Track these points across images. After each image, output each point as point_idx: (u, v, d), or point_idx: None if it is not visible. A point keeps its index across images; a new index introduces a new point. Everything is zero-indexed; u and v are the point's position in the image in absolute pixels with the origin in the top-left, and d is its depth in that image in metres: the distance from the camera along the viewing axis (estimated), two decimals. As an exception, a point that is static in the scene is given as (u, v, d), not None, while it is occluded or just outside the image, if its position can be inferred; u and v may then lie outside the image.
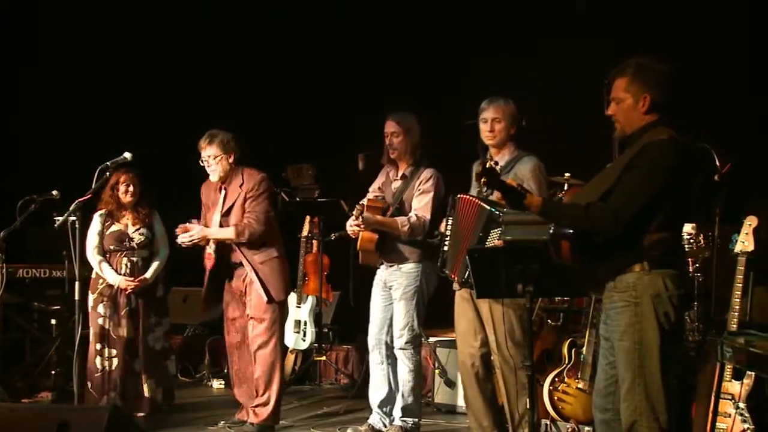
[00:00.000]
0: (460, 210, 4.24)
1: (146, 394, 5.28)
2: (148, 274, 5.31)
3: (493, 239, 3.95)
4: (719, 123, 5.62)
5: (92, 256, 5.26)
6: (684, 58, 5.77)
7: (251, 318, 4.93)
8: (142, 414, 5.29)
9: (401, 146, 4.78)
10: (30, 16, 7.74)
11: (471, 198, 4.19)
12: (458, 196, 4.29)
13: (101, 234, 5.27)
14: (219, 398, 6.18)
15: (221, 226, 4.96)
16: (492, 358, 4.26)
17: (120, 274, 5.24)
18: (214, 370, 6.61)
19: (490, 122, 4.28)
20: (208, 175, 5.01)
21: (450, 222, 4.29)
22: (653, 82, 3.22)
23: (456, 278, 4.23)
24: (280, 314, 5.00)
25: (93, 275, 5.26)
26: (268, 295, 4.86)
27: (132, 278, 5.23)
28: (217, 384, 6.45)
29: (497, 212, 3.93)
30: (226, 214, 4.97)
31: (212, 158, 4.94)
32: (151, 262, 5.36)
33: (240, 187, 4.99)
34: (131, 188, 5.30)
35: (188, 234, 4.86)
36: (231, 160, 4.97)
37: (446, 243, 4.29)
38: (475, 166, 4.44)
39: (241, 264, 4.92)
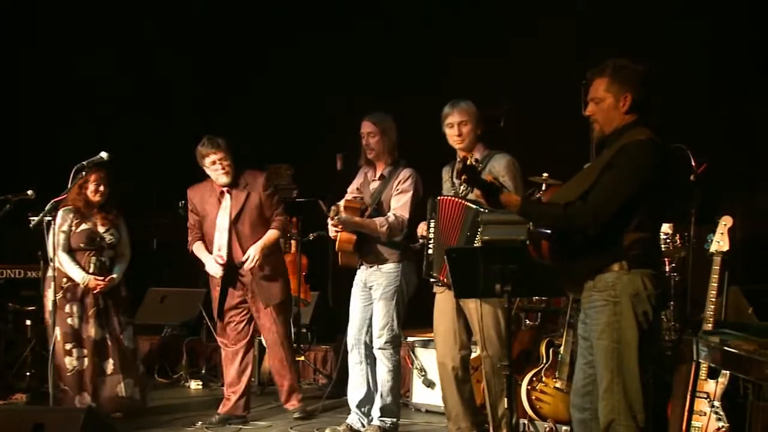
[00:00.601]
0: (441, 212, 4.24)
1: (124, 394, 5.23)
2: (115, 274, 5.26)
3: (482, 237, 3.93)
4: (696, 123, 5.67)
5: (60, 252, 5.16)
6: (661, 59, 5.85)
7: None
8: (118, 415, 5.25)
9: (378, 147, 4.78)
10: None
11: (453, 198, 4.18)
12: (437, 198, 4.28)
13: (69, 231, 5.20)
14: (196, 399, 6.15)
15: (233, 230, 5.11)
16: (482, 356, 4.24)
17: (88, 273, 5.18)
18: (191, 371, 6.57)
19: (456, 126, 4.28)
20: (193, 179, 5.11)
21: (432, 225, 4.27)
22: (634, 81, 3.24)
23: (444, 280, 4.22)
24: None
25: (52, 273, 5.09)
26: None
27: (102, 278, 5.18)
28: (194, 385, 6.42)
29: (484, 210, 3.93)
30: (236, 218, 5.09)
31: (223, 161, 5.07)
32: (116, 263, 5.30)
33: (245, 188, 5.12)
34: (101, 188, 5.24)
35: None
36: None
37: (430, 246, 4.28)
38: (445, 171, 4.45)
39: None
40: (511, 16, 6.73)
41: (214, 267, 5.15)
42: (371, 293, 4.80)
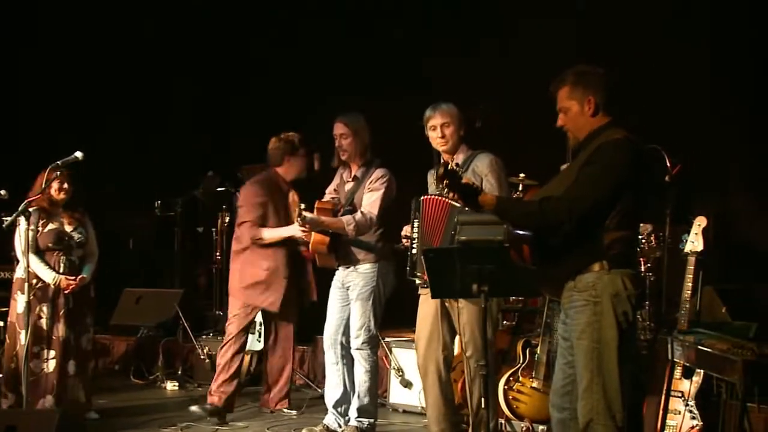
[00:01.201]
0: (426, 211, 4.24)
1: (73, 395, 5.16)
2: (86, 274, 5.20)
3: None
4: (672, 124, 5.72)
5: (30, 252, 5.08)
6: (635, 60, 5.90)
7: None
8: (95, 416, 5.22)
9: (350, 148, 4.77)
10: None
11: (437, 197, 4.17)
12: (422, 198, 4.28)
13: (36, 232, 5.13)
14: (172, 400, 6.10)
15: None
16: (464, 357, 4.23)
17: (59, 273, 5.12)
18: (167, 372, 6.52)
19: (439, 128, 4.27)
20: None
21: (416, 225, 4.28)
22: (594, 84, 3.28)
23: (427, 279, 4.22)
24: None
25: (20, 274, 5.02)
26: None
27: (73, 277, 5.12)
28: (170, 386, 6.37)
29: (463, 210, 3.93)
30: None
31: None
32: (85, 262, 5.25)
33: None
34: (65, 186, 5.17)
35: None
36: None
37: (414, 246, 4.27)
38: (430, 174, 4.45)
39: None
40: (487, 16, 6.74)
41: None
42: (348, 294, 4.80)
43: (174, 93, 8.02)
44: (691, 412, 4.19)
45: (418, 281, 4.28)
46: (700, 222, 4.40)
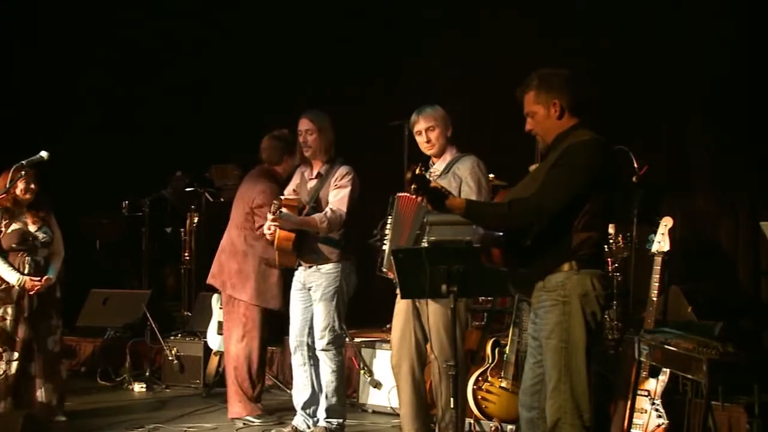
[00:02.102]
0: (399, 209, 4.24)
1: (42, 399, 5.07)
2: (51, 274, 5.13)
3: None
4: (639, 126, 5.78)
5: None
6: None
7: None
8: (63, 419, 5.14)
9: (315, 144, 4.76)
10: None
11: (410, 196, 4.15)
12: (397, 195, 4.28)
13: None
14: (140, 402, 6.04)
15: None
16: (431, 358, 4.24)
17: (24, 274, 5.04)
18: (135, 374, 6.45)
19: (424, 133, 4.26)
20: None
21: (389, 222, 4.28)
22: (558, 87, 3.29)
23: (392, 277, 4.20)
24: None
25: None
26: None
27: (38, 278, 5.05)
28: (138, 387, 6.30)
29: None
30: None
31: None
32: (51, 263, 5.18)
33: None
34: (31, 186, 5.09)
35: None
36: None
37: (386, 242, 4.28)
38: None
39: None
40: (458, 14, 6.77)
41: None
42: (311, 294, 4.78)
43: (141, 92, 7.94)
44: (657, 410, 4.22)
45: (392, 276, 4.25)
46: (666, 222, 4.44)
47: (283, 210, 4.55)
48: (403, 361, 4.30)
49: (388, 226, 4.29)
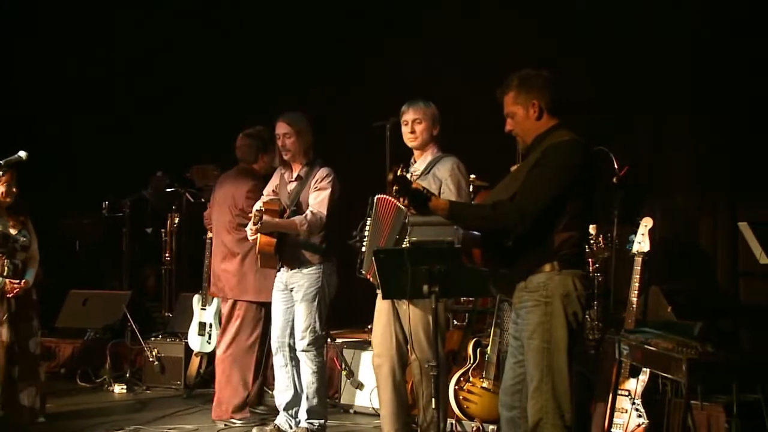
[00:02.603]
0: (379, 211, 4.23)
1: (25, 402, 5.01)
2: (29, 277, 5.07)
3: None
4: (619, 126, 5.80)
5: None
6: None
7: None
8: (42, 420, 5.09)
9: (294, 147, 4.74)
10: None
11: (388, 198, 4.17)
12: (377, 196, 4.27)
13: None
14: (120, 403, 6.00)
15: None
16: (411, 359, 4.24)
17: (3, 277, 4.98)
18: (115, 375, 6.41)
19: (410, 124, 4.27)
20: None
21: (368, 223, 4.28)
22: (538, 88, 3.31)
23: (370, 278, 4.21)
24: None
25: None
26: None
27: (17, 281, 4.99)
28: (118, 389, 6.26)
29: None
30: None
31: None
32: (28, 266, 5.12)
33: None
34: (13, 189, 5.03)
35: None
36: None
37: (364, 244, 4.28)
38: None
39: None
40: (438, 14, 6.78)
41: None
42: (292, 295, 4.76)
43: (121, 92, 7.89)
44: (637, 410, 4.24)
45: (370, 278, 4.26)
46: (646, 223, 4.46)
47: (264, 218, 4.53)
48: (384, 362, 4.30)
49: (368, 228, 4.28)
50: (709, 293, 5.39)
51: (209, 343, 6.05)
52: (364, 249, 4.29)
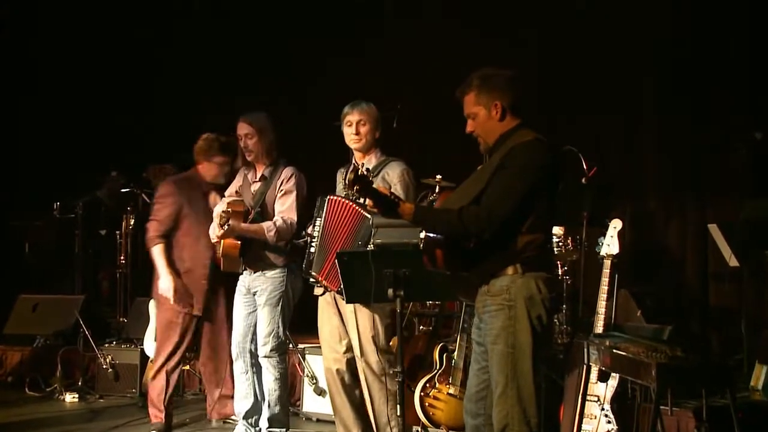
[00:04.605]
0: (330, 212, 4.15)
1: None
2: None
3: None
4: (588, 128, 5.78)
5: None
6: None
7: None
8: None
9: (256, 147, 4.66)
10: None
11: (344, 201, 4.10)
12: (327, 197, 4.20)
13: None
14: (72, 412, 5.82)
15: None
16: (357, 361, 4.19)
17: None
18: (66, 383, 6.22)
19: (355, 125, 4.24)
20: None
21: (318, 224, 4.19)
22: (500, 88, 3.24)
23: (322, 280, 4.12)
24: None
25: None
26: None
27: None
28: (69, 398, 6.07)
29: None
30: None
31: None
32: None
33: None
34: None
35: None
36: None
37: (313, 244, 4.19)
38: (340, 173, 4.37)
39: None
40: (402, 12, 6.72)
41: None
42: (255, 299, 4.67)
43: (74, 90, 7.71)
44: (606, 416, 4.20)
45: (312, 280, 4.23)
46: (615, 225, 4.41)
47: (231, 222, 4.42)
48: (332, 365, 4.27)
49: (317, 229, 4.18)
50: (678, 295, 5.39)
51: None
52: (312, 249, 4.20)
